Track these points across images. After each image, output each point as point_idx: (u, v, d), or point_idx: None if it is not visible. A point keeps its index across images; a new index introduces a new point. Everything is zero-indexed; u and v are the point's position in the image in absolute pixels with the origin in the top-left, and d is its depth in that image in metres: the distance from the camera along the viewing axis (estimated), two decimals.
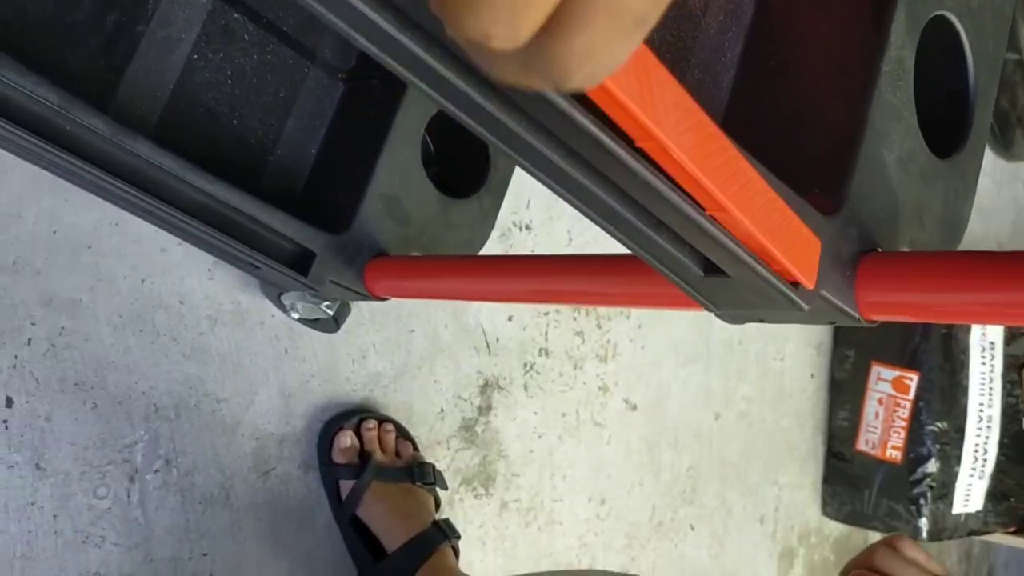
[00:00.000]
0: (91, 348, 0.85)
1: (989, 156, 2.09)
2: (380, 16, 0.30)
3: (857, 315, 0.49)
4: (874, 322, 0.50)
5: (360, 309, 1.02)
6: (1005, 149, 2.07)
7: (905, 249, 0.52)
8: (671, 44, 0.52)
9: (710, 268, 0.47)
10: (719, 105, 0.54)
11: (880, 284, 0.47)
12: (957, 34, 0.56)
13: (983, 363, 1.67)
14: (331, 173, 0.83)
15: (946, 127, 0.57)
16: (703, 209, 0.40)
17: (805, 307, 0.47)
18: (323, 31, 0.85)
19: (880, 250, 0.49)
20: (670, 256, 0.46)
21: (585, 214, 0.43)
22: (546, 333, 1.23)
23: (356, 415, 1.01)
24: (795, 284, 0.46)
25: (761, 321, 0.53)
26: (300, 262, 0.76)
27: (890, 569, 0.57)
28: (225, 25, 0.79)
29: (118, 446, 0.86)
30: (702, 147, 0.34)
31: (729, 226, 0.41)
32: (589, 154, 0.38)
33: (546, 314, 1.23)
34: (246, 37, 0.80)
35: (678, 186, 0.39)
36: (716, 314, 0.52)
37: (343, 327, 0.99)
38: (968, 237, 0.61)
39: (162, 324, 0.89)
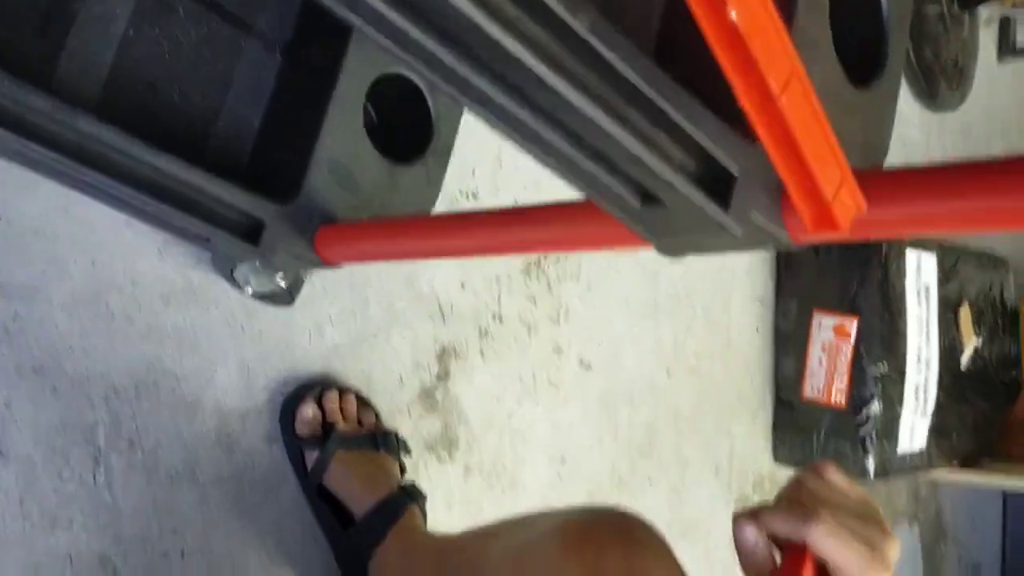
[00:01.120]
0: (46, 333, 0.85)
1: (916, 107, 2.16)
2: None
3: (786, 237, 0.52)
4: (802, 243, 0.53)
5: (313, 282, 1.03)
6: (932, 100, 2.15)
7: None
8: None
9: (647, 197, 0.49)
10: (650, 34, 0.56)
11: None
12: None
13: (919, 305, 1.74)
14: (276, 143, 0.84)
15: (863, 57, 0.61)
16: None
17: (737, 231, 0.50)
18: (260, 6, 0.85)
19: None
20: (609, 187, 0.48)
21: (527, 149, 0.45)
22: (499, 298, 1.26)
23: (317, 386, 1.02)
24: (726, 208, 0.48)
25: (698, 251, 0.56)
26: (250, 232, 0.78)
27: (818, 493, 0.59)
28: (160, 0, 0.79)
29: (80, 428, 0.86)
30: None
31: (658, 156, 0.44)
32: (527, 87, 0.40)
33: (497, 279, 1.26)
34: (182, 12, 0.80)
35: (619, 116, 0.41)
36: (656, 245, 0.55)
37: (297, 301, 1.00)
38: None
39: (116, 306, 0.89)
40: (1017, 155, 0.44)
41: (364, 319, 1.09)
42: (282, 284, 0.92)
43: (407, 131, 0.92)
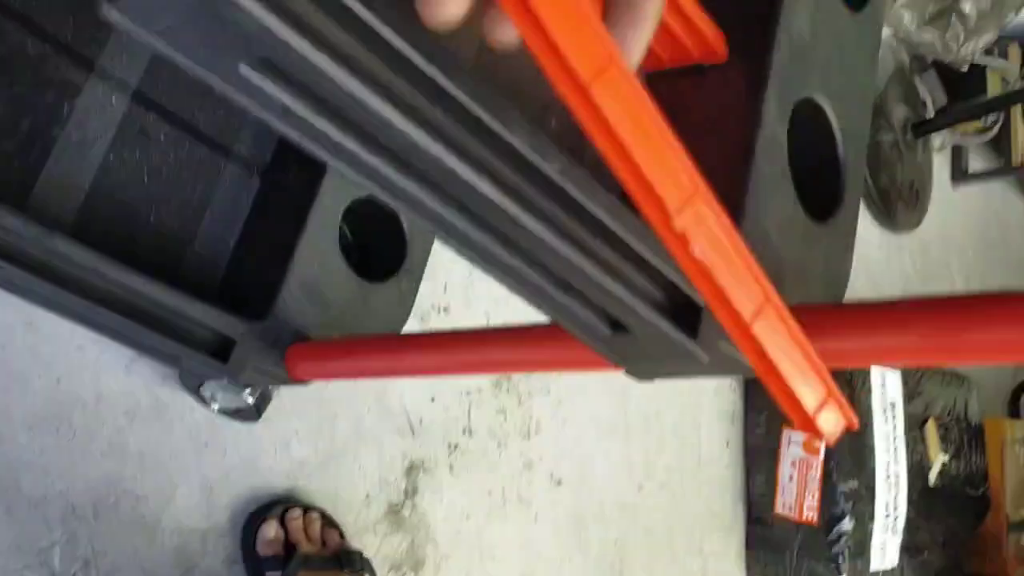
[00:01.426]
0: (5, 450, 0.83)
1: (876, 229, 2.23)
2: (307, 110, 0.33)
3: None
4: None
5: (281, 397, 1.02)
6: (890, 221, 2.22)
7: (792, 304, 0.56)
8: (570, 129, 0.56)
9: (616, 325, 0.50)
10: (616, 182, 0.58)
11: None
12: (824, 113, 0.63)
13: (886, 422, 1.75)
14: (250, 263, 0.85)
15: (822, 195, 0.63)
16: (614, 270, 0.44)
17: (705, 358, 0.51)
18: (239, 128, 0.88)
19: None
20: (579, 317, 0.49)
21: (500, 280, 0.47)
22: (469, 412, 1.25)
23: (280, 505, 1.00)
24: (694, 337, 0.50)
25: (668, 376, 0.56)
26: (220, 350, 0.78)
27: None
28: (141, 127, 0.81)
29: (34, 550, 0.83)
30: None
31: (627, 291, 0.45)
32: (500, 225, 0.42)
33: (468, 394, 1.25)
34: (162, 137, 0.82)
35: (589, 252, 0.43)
36: (626, 370, 0.56)
37: (264, 416, 0.99)
38: None
39: (79, 422, 0.88)
40: (966, 293, 0.46)
41: (331, 435, 1.08)
42: (249, 401, 0.91)
43: (381, 249, 0.93)
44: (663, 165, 0.34)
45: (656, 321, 0.48)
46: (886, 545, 1.75)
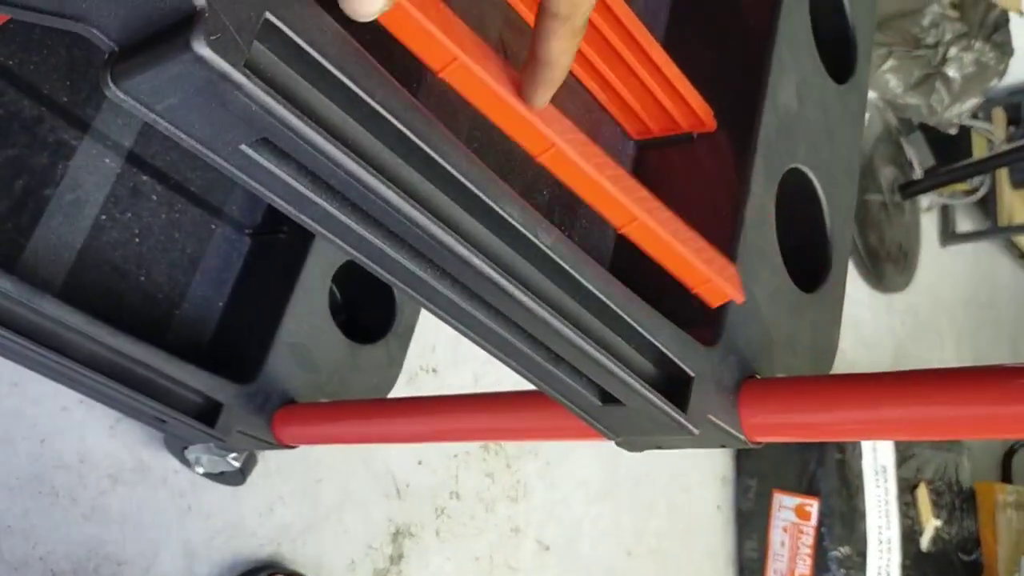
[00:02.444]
0: None
1: (865, 289, 2.24)
2: (296, 180, 0.34)
3: (743, 437, 0.53)
4: (759, 443, 0.53)
5: (266, 460, 1.01)
6: (879, 281, 2.23)
7: (781, 375, 0.56)
8: (560, 198, 0.57)
9: (606, 398, 0.50)
10: (606, 253, 0.59)
11: (760, 407, 0.52)
12: (812, 183, 0.64)
13: (877, 487, 1.74)
14: (239, 324, 0.84)
15: (809, 265, 0.64)
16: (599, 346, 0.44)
17: (695, 431, 0.50)
18: (230, 190, 0.88)
19: (758, 376, 0.54)
20: (570, 388, 0.49)
21: (490, 352, 0.46)
22: (456, 476, 1.24)
23: (264, 571, 0.98)
24: (684, 410, 0.49)
25: (658, 447, 0.56)
26: (207, 413, 0.77)
27: None
28: (133, 187, 0.81)
29: None
30: None
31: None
32: (491, 298, 0.42)
33: (455, 456, 1.24)
34: (154, 197, 0.82)
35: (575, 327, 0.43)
36: (616, 442, 0.55)
37: (249, 479, 0.98)
38: (853, 367, 0.67)
39: (61, 485, 0.86)
40: (938, 369, 0.46)
41: (316, 499, 1.07)
42: (235, 464, 0.90)
43: (371, 310, 0.93)
44: None
45: (648, 395, 0.48)
46: None
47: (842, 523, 1.64)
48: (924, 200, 2.41)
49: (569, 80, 0.55)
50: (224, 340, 0.84)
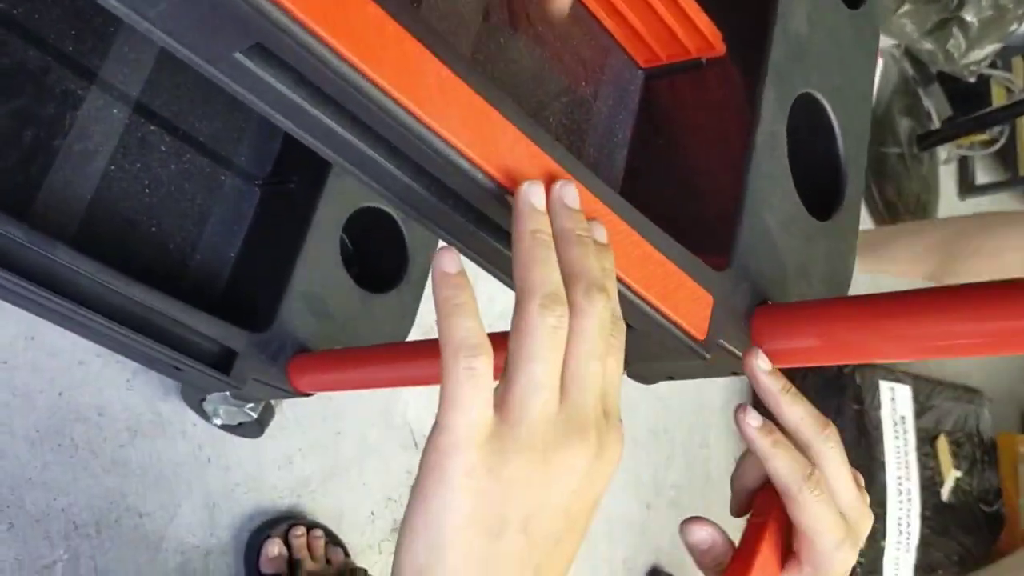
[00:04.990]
0: (7, 466, 0.82)
1: None
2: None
3: None
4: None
5: (284, 413, 1.02)
6: None
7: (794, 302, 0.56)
8: (567, 127, 0.56)
9: None
10: (615, 180, 0.58)
11: (773, 332, 0.51)
12: (824, 109, 0.63)
13: (896, 437, 1.73)
14: (251, 273, 0.84)
15: (824, 193, 0.63)
16: None
17: (707, 356, 0.50)
18: (240, 139, 0.88)
19: (771, 303, 0.53)
20: None
21: (499, 277, 0.46)
22: None
23: (284, 522, 0.99)
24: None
25: (670, 377, 0.56)
26: (222, 361, 0.77)
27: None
28: (142, 137, 0.81)
29: (37, 567, 0.83)
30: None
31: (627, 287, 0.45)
32: (499, 219, 0.41)
33: None
34: (163, 148, 0.82)
35: None
36: (628, 372, 0.55)
37: (267, 432, 0.98)
38: None
39: (81, 438, 0.87)
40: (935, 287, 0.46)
41: (336, 451, 1.07)
42: (252, 415, 0.90)
43: (383, 260, 0.93)
44: None
45: (658, 319, 0.48)
46: (899, 563, 1.72)
47: (861, 473, 1.64)
48: (942, 152, 2.38)
49: (576, 8, 0.54)
50: (237, 290, 0.84)
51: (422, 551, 0.34)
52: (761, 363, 0.48)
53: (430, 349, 0.71)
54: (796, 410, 0.49)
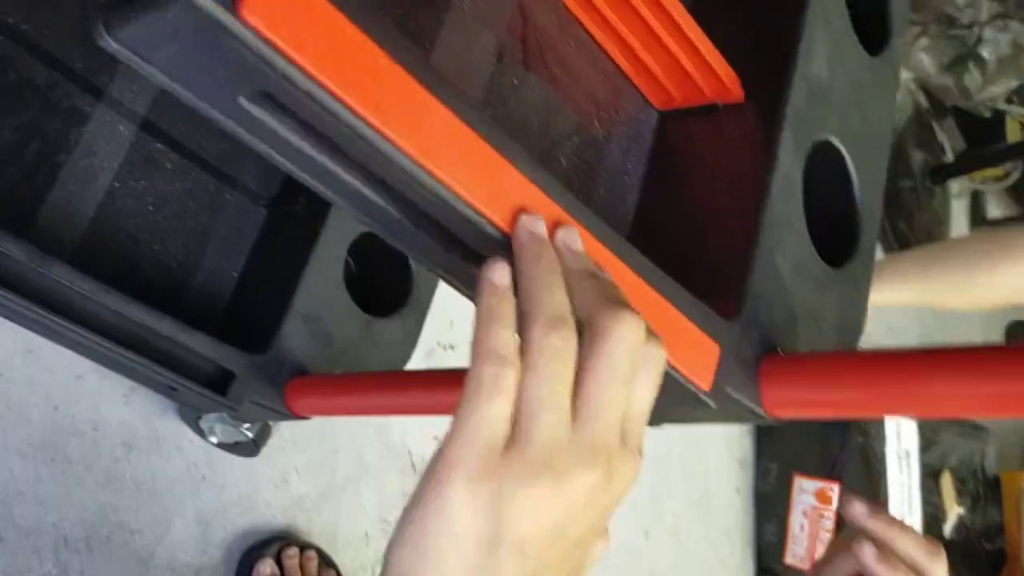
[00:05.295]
0: None
1: None
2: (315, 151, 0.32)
3: (763, 412, 0.51)
4: (779, 419, 0.52)
5: (281, 431, 1.00)
6: None
7: (804, 351, 0.55)
8: (578, 167, 0.55)
9: None
10: (625, 221, 0.57)
11: (782, 382, 0.50)
12: (842, 155, 0.62)
13: (900, 472, 1.71)
14: (253, 294, 0.83)
15: (838, 240, 0.62)
16: None
17: (713, 404, 0.49)
18: (245, 159, 0.87)
19: (780, 352, 0.52)
20: None
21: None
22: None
23: (277, 542, 0.98)
24: None
25: (677, 421, 0.54)
26: (219, 382, 0.76)
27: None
28: (148, 155, 0.80)
29: None
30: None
31: None
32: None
33: None
34: (168, 166, 0.81)
35: None
36: None
37: (263, 450, 0.97)
38: None
39: (75, 452, 0.86)
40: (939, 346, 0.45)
41: (332, 471, 1.06)
42: (248, 435, 0.89)
43: (386, 284, 0.92)
44: None
45: (670, 368, 0.46)
46: None
47: None
48: (955, 185, 2.37)
49: (591, 48, 0.53)
50: (238, 310, 0.83)
51: (411, 558, 0.33)
52: (858, 508, 0.55)
53: (430, 381, 0.70)
54: (907, 540, 0.57)
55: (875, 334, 2.09)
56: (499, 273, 0.36)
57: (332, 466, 1.06)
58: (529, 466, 0.33)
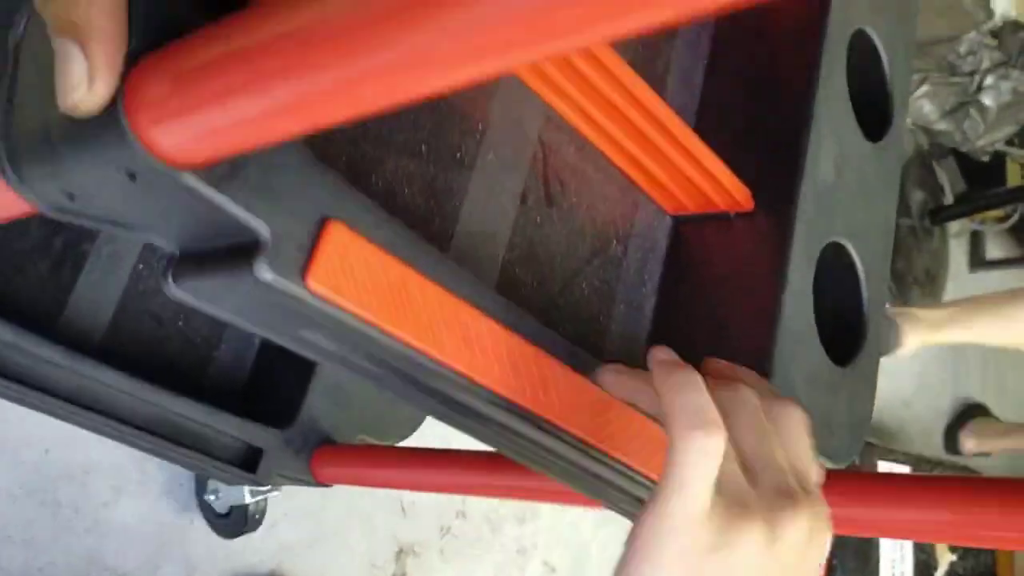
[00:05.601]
0: None
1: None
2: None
3: None
4: None
5: None
6: (905, 305, 2.19)
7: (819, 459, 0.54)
8: (598, 289, 0.55)
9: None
10: (643, 332, 0.56)
11: None
12: (851, 256, 0.61)
13: None
14: (275, 366, 0.83)
15: (846, 337, 0.61)
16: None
17: None
18: None
19: None
20: (612, 497, 0.48)
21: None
22: (464, 496, 1.22)
23: None
24: None
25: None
26: (248, 460, 0.77)
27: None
28: None
29: None
30: None
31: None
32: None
33: None
34: None
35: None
36: None
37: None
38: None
39: (64, 496, 0.85)
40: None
41: (321, 516, 1.05)
42: (248, 499, 0.89)
43: None
44: None
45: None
46: None
47: (855, 555, 1.62)
48: (954, 225, 2.36)
49: (607, 167, 0.53)
50: (261, 382, 0.82)
51: None
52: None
53: (454, 461, 0.70)
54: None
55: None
56: (667, 353, 0.38)
57: (321, 511, 1.05)
58: (746, 519, 0.33)
